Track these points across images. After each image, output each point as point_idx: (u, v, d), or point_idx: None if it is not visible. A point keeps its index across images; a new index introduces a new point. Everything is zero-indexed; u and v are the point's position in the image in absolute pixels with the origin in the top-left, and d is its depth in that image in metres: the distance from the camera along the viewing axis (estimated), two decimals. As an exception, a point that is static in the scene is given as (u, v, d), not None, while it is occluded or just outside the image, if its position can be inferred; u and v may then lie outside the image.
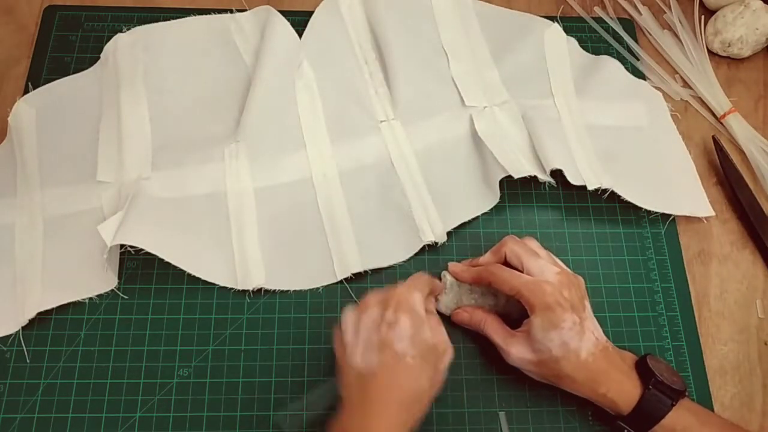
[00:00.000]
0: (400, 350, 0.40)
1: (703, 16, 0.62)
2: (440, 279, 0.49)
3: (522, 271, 0.45)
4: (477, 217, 0.53)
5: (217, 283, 0.49)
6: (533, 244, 0.47)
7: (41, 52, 0.58)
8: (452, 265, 0.49)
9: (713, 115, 0.60)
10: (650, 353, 0.45)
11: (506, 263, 0.46)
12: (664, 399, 0.42)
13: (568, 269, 0.46)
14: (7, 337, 0.48)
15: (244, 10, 0.60)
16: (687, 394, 0.43)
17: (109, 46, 0.57)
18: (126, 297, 0.49)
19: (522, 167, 0.52)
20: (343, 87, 0.57)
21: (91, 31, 0.59)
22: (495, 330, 0.46)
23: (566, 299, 0.43)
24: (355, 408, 0.40)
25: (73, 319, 0.49)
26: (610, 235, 0.54)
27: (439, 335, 0.43)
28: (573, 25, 0.62)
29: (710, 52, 0.62)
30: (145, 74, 0.56)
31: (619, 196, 0.53)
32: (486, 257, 0.48)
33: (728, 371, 0.50)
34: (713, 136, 0.58)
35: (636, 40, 0.62)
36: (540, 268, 0.45)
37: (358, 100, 0.56)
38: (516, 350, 0.44)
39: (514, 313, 0.47)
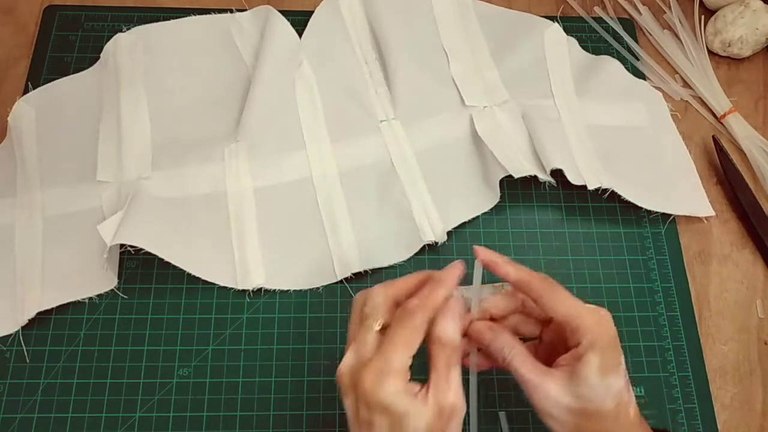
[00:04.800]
0: None
1: (703, 16, 0.62)
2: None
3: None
4: (477, 217, 0.53)
5: (216, 282, 0.49)
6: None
7: (41, 52, 0.58)
8: (482, 252, 0.39)
9: (713, 115, 0.60)
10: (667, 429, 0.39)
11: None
12: None
13: None
14: (7, 337, 0.47)
15: (244, 10, 0.60)
16: None
17: (109, 46, 0.57)
18: (126, 297, 0.49)
19: (522, 167, 0.52)
20: (343, 87, 0.57)
21: (91, 31, 0.59)
22: (524, 362, 0.36)
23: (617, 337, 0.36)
24: None
25: (73, 319, 0.48)
26: (610, 235, 0.54)
27: (446, 398, 0.34)
28: (573, 25, 0.62)
29: (710, 52, 0.62)
30: (145, 74, 0.56)
31: (619, 196, 0.53)
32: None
33: (728, 371, 0.50)
34: (713, 136, 0.58)
35: (636, 40, 0.62)
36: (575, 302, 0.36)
37: (358, 99, 0.56)
38: (555, 392, 0.35)
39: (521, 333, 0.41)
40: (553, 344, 0.38)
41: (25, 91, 0.55)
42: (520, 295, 0.39)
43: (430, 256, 0.52)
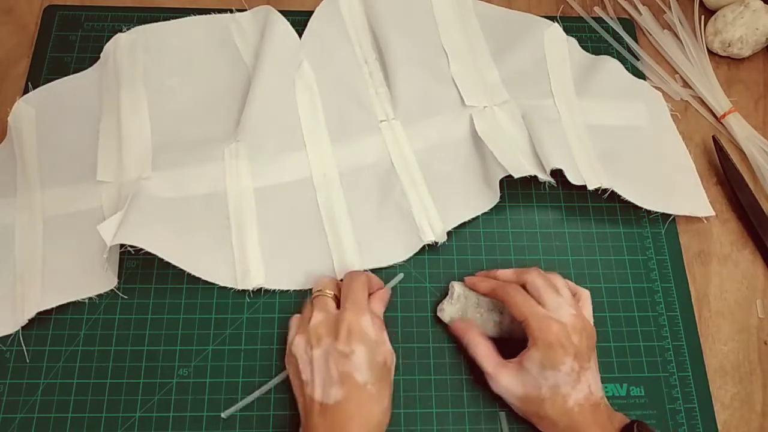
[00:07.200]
0: (360, 380, 0.40)
1: (703, 16, 0.62)
2: (448, 289, 0.49)
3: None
4: (477, 217, 0.53)
5: (216, 282, 0.49)
6: (559, 281, 0.46)
7: (41, 52, 0.58)
8: (469, 278, 0.49)
9: (713, 115, 0.60)
10: (640, 420, 0.43)
11: (524, 289, 0.45)
12: None
13: (588, 318, 0.45)
14: (7, 337, 0.47)
15: (244, 10, 0.60)
16: None
17: (109, 46, 0.57)
18: (126, 297, 0.49)
19: (522, 167, 0.52)
20: (343, 87, 0.57)
21: (91, 31, 0.59)
22: (485, 356, 0.45)
23: (572, 343, 0.42)
24: None
25: (73, 319, 0.48)
26: (610, 235, 0.54)
27: (383, 344, 0.42)
28: (573, 25, 0.62)
29: (710, 52, 0.62)
30: (145, 74, 0.56)
31: (619, 196, 0.53)
32: (507, 273, 0.47)
33: (728, 371, 0.50)
34: (713, 136, 0.58)
35: (636, 40, 0.62)
36: (557, 305, 0.44)
37: (358, 99, 0.56)
38: (505, 380, 0.43)
39: (517, 334, 0.46)
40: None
41: (25, 91, 0.55)
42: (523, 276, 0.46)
43: (430, 256, 0.52)
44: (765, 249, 0.54)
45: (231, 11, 0.60)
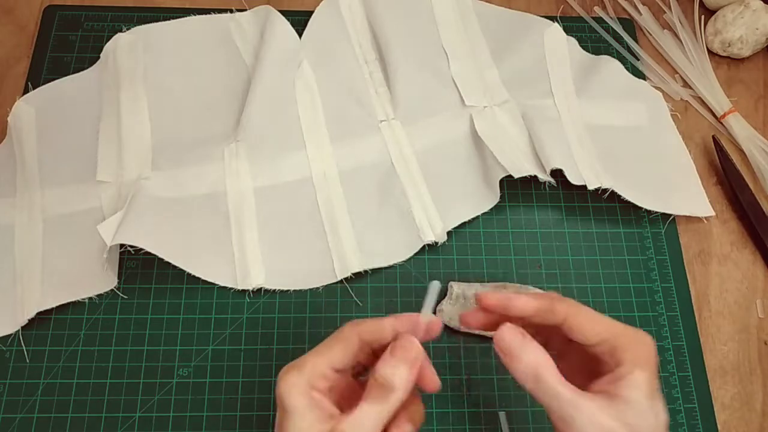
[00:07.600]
0: None
1: (703, 16, 0.62)
2: (447, 289, 0.49)
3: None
4: (477, 217, 0.53)
5: (216, 282, 0.49)
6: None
7: (41, 52, 0.58)
8: (487, 298, 0.35)
9: (713, 115, 0.60)
10: None
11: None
12: None
13: None
14: (7, 336, 0.47)
15: (244, 10, 0.60)
16: None
17: (109, 46, 0.57)
18: (126, 297, 0.49)
19: (522, 167, 0.52)
20: (343, 87, 0.57)
21: (91, 31, 0.59)
22: (557, 378, 0.32)
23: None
24: None
25: (72, 319, 0.48)
26: (610, 235, 0.54)
27: (348, 428, 0.31)
28: (573, 25, 0.62)
29: (710, 52, 0.62)
30: (145, 74, 0.56)
31: (619, 196, 0.53)
32: (529, 303, 0.34)
33: (728, 371, 0.50)
34: (713, 136, 0.58)
35: (636, 40, 0.62)
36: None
37: (358, 99, 0.56)
38: (590, 414, 0.30)
39: None
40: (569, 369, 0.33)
41: (25, 91, 0.55)
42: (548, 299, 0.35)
43: (430, 256, 0.52)
44: (765, 249, 0.54)
45: (231, 11, 0.60)
